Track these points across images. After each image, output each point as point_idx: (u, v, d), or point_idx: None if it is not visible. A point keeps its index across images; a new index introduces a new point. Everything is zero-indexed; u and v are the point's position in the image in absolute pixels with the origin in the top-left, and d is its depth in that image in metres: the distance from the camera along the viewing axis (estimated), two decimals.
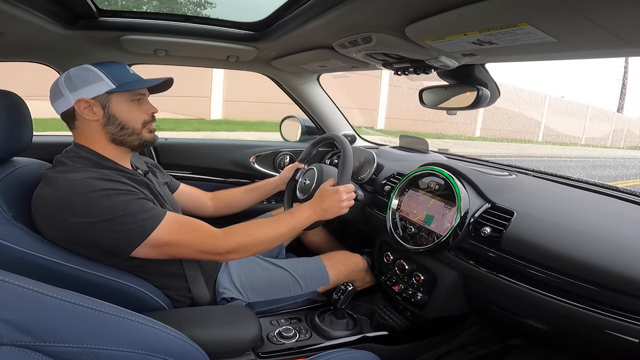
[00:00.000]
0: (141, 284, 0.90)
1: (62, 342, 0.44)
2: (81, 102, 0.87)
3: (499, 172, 1.22)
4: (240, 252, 0.93)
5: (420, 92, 1.29)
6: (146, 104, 0.97)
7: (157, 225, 0.82)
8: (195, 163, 1.76)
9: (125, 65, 0.95)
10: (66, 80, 0.88)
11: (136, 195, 0.85)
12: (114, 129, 0.91)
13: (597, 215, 0.92)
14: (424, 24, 0.75)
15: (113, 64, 0.93)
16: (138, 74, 0.96)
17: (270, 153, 1.85)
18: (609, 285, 0.73)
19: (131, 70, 0.95)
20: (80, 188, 0.78)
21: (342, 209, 1.07)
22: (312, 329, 1.08)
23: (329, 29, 0.96)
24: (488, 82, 1.11)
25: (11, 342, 0.40)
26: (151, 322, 0.55)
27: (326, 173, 1.24)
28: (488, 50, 0.83)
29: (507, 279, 0.89)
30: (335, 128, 1.93)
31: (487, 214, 1.00)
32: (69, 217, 0.78)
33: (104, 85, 0.88)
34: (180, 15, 1.20)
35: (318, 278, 1.19)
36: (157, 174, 1.14)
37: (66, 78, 0.89)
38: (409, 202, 1.19)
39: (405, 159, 1.54)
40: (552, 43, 0.69)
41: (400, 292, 1.20)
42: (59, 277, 0.79)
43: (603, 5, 0.53)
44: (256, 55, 1.37)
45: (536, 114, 14.01)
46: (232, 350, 0.90)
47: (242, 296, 1.07)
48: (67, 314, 0.46)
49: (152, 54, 1.36)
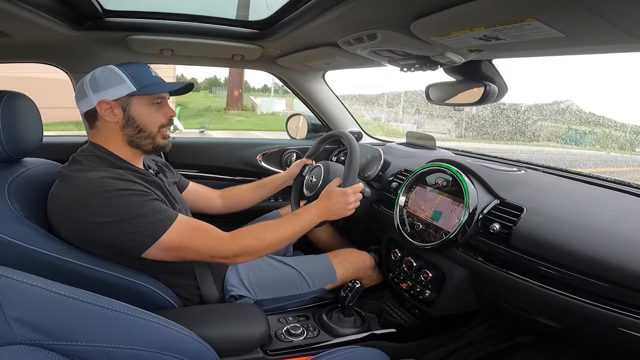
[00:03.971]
0: (152, 283, 0.91)
1: (75, 340, 0.44)
2: (103, 104, 0.89)
3: (507, 167, 1.20)
4: (248, 256, 0.94)
5: (426, 88, 1.28)
6: (165, 107, 0.98)
7: (168, 228, 0.83)
8: (202, 162, 1.77)
9: (148, 66, 0.96)
10: (91, 81, 0.90)
11: (149, 196, 0.86)
12: (131, 131, 0.93)
13: (608, 211, 0.90)
14: (430, 20, 0.74)
15: (136, 65, 0.94)
16: (160, 77, 0.97)
17: (277, 151, 1.86)
18: (621, 282, 0.72)
19: (154, 72, 0.96)
20: (95, 187, 0.80)
21: (349, 210, 1.08)
22: (319, 326, 1.09)
23: (333, 26, 0.96)
24: (495, 78, 1.10)
25: (25, 340, 0.40)
26: (162, 321, 0.55)
27: (333, 171, 1.24)
28: (495, 46, 0.82)
29: (516, 276, 0.88)
30: (341, 125, 1.92)
31: (496, 210, 0.99)
32: (84, 216, 0.79)
33: (125, 87, 0.90)
34: (185, 14, 1.21)
35: (325, 276, 1.19)
36: (167, 174, 1.15)
37: (91, 78, 0.91)
38: (417, 198, 1.18)
39: (412, 156, 1.53)
40: (560, 38, 0.68)
41: (408, 289, 1.20)
42: (72, 276, 0.80)
43: (613, 1, 0.51)
44: (261, 53, 1.37)
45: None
46: (241, 347, 0.91)
47: (250, 294, 1.07)
48: (80, 312, 0.46)
49: (158, 54, 1.37)
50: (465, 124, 10.70)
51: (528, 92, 5.49)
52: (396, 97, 14.47)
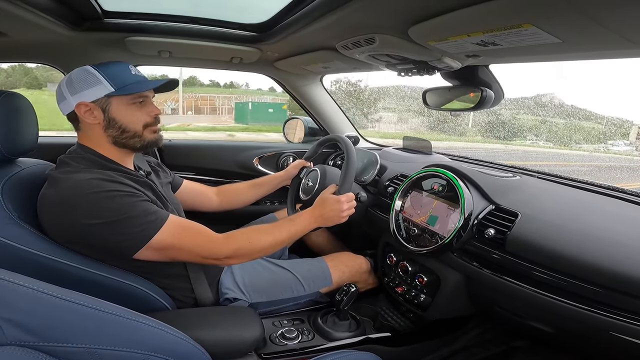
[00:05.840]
0: (145, 284, 0.90)
1: (65, 342, 0.44)
2: (81, 106, 0.87)
3: (503, 173, 1.21)
4: (240, 258, 0.94)
5: (423, 93, 1.29)
6: (149, 105, 0.95)
7: (160, 229, 0.83)
8: (198, 164, 1.77)
9: (128, 65, 0.93)
10: (67, 83, 0.88)
11: (139, 197, 0.85)
12: (114, 132, 0.91)
13: (602, 217, 0.91)
14: (428, 25, 0.75)
15: (115, 64, 0.91)
16: (142, 74, 0.94)
17: (274, 154, 1.86)
18: (614, 287, 0.72)
19: (134, 71, 0.93)
20: (84, 189, 0.79)
21: (342, 218, 1.09)
22: (314, 330, 1.08)
23: (332, 31, 0.96)
24: (492, 83, 1.11)
25: (15, 342, 0.40)
26: (154, 323, 0.55)
27: (329, 176, 1.25)
28: (492, 52, 0.83)
29: (511, 281, 0.88)
30: (338, 129, 1.93)
31: (491, 215, 0.99)
32: (73, 218, 0.78)
33: (102, 88, 0.87)
34: (184, 16, 1.21)
35: (321, 279, 1.19)
36: (160, 174, 1.14)
37: (67, 80, 0.88)
38: (413, 203, 1.19)
39: (408, 161, 1.54)
40: (556, 44, 0.69)
41: (403, 293, 1.20)
42: (64, 277, 0.80)
43: (609, 6, 0.52)
44: (259, 56, 1.38)
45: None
46: (235, 351, 0.90)
47: (245, 297, 1.07)
48: (71, 314, 0.46)
49: (157, 56, 1.37)
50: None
51: (510, 86, 5.60)
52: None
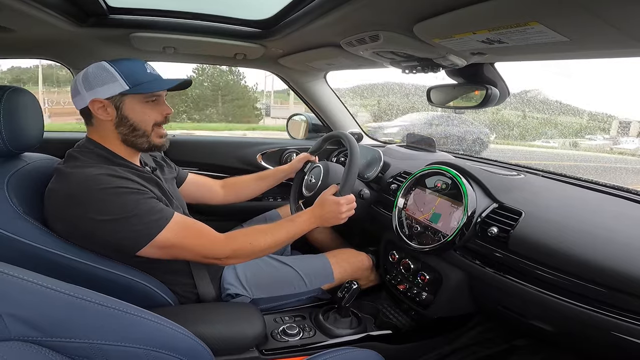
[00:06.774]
0: (148, 280, 0.91)
1: (69, 337, 0.44)
2: (95, 102, 0.88)
3: (507, 171, 1.20)
4: (240, 258, 0.96)
5: (428, 90, 1.28)
6: (161, 104, 0.96)
7: (164, 228, 0.84)
8: (202, 160, 1.77)
9: (144, 63, 0.94)
10: (83, 78, 0.89)
11: (145, 194, 0.86)
12: (125, 129, 0.92)
13: (606, 216, 0.90)
14: (433, 23, 0.74)
15: (130, 61, 0.91)
16: (157, 73, 0.95)
17: (277, 150, 1.86)
18: (617, 287, 0.72)
19: (149, 69, 0.93)
20: (92, 184, 0.80)
21: (341, 219, 1.10)
22: (316, 326, 1.09)
23: (336, 27, 0.96)
24: (497, 82, 1.10)
25: (19, 337, 0.40)
26: (156, 318, 0.55)
27: (332, 174, 1.25)
28: (497, 49, 0.82)
29: (513, 280, 0.88)
30: (342, 126, 1.92)
31: (495, 213, 0.99)
32: (80, 213, 0.79)
33: (117, 86, 0.88)
34: (189, 12, 1.21)
35: (323, 276, 1.19)
36: (164, 169, 1.15)
37: (84, 76, 0.89)
38: (416, 201, 1.18)
39: (412, 158, 1.53)
40: (563, 42, 0.68)
41: (405, 291, 1.20)
42: (67, 272, 0.80)
43: (616, 4, 0.51)
44: (263, 53, 1.37)
45: None
46: (236, 347, 0.91)
47: (247, 292, 1.07)
48: (75, 309, 0.46)
49: (161, 52, 1.37)
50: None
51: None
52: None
